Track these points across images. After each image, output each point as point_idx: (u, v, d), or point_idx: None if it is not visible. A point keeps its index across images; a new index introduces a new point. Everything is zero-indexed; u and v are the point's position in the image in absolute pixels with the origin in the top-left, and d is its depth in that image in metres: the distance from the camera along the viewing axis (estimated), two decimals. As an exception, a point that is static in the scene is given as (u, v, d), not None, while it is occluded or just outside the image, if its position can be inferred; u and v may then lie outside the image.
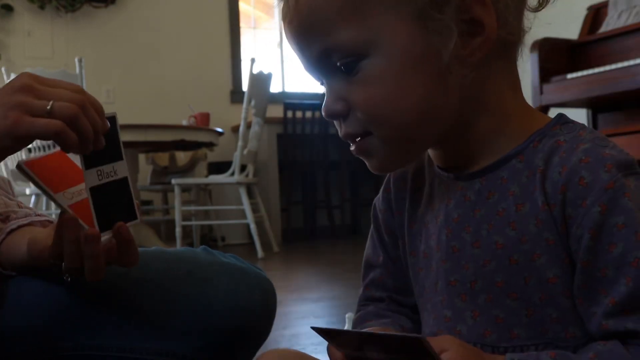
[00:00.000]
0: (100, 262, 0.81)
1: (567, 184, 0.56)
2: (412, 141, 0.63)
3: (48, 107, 0.72)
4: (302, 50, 0.63)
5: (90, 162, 0.76)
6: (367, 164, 0.66)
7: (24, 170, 0.77)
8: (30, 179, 0.77)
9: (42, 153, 0.71)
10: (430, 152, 0.69)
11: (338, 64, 0.61)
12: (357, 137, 0.64)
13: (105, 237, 0.78)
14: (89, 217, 0.77)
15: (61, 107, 0.72)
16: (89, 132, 0.73)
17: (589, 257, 0.56)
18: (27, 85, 0.73)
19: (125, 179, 0.81)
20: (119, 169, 0.80)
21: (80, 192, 0.79)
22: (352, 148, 0.66)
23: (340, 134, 0.65)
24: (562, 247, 0.58)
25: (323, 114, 0.64)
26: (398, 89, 0.60)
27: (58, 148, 0.75)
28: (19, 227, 0.93)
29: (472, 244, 0.62)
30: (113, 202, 0.79)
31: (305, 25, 0.62)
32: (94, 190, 0.76)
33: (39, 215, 1.00)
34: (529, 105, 0.66)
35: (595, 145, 0.57)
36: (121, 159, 0.80)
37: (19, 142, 0.72)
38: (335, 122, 0.65)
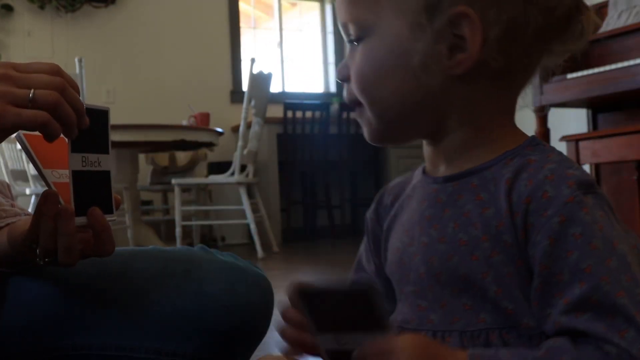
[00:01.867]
0: (73, 242, 0.81)
1: (532, 196, 0.62)
2: (394, 124, 0.71)
3: (30, 95, 0.72)
4: (338, 15, 0.72)
5: (77, 146, 0.79)
6: (364, 132, 0.73)
7: (22, 140, 0.82)
8: (25, 150, 0.82)
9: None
10: (424, 151, 0.75)
11: (351, 36, 0.70)
12: (354, 105, 0.72)
13: (80, 221, 0.80)
14: (69, 198, 0.80)
15: (43, 95, 0.72)
16: (72, 117, 0.75)
17: (547, 262, 0.60)
18: (5, 74, 0.73)
19: (107, 173, 0.84)
20: (104, 162, 0.83)
21: (67, 175, 0.81)
22: (353, 113, 0.74)
23: (345, 99, 0.74)
24: (517, 250, 0.63)
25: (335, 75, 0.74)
26: (379, 73, 0.68)
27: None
28: (7, 225, 0.93)
29: (439, 240, 0.68)
30: (93, 191, 0.82)
31: None
32: (76, 174, 0.79)
33: (28, 214, 1.00)
34: (516, 128, 0.71)
35: (560, 165, 0.63)
36: (107, 152, 0.83)
37: (4, 133, 0.73)
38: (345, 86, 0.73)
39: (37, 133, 0.79)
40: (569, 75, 3.24)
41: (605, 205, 0.62)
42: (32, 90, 0.72)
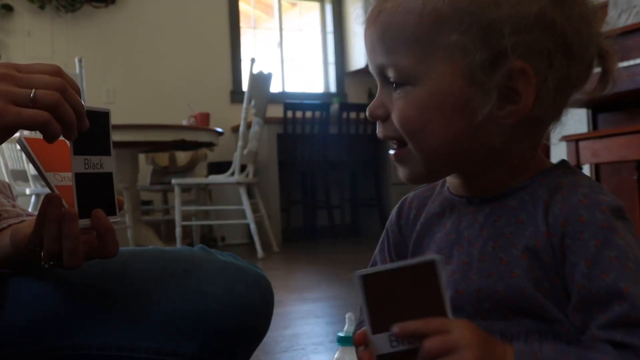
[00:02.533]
0: (78, 245, 0.81)
1: (568, 219, 0.66)
2: (437, 165, 0.73)
3: (31, 95, 0.72)
4: (369, 55, 0.73)
5: (79, 149, 0.79)
6: (399, 171, 0.75)
7: (23, 145, 0.82)
8: (27, 153, 0.82)
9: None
10: (448, 179, 0.79)
11: (390, 79, 0.71)
12: (392, 140, 0.74)
13: (84, 223, 0.81)
14: (72, 201, 0.80)
15: (44, 95, 0.73)
16: (72, 117, 0.75)
17: (584, 282, 0.65)
18: (6, 74, 0.73)
19: (110, 175, 0.84)
20: (106, 164, 0.83)
21: (69, 178, 0.82)
22: (391, 153, 0.75)
23: (378, 133, 0.75)
24: (554, 268, 0.67)
25: (367, 113, 0.74)
26: (428, 122, 0.69)
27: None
28: (9, 225, 0.94)
29: (479, 259, 0.71)
30: (96, 193, 0.82)
31: (377, 36, 0.71)
32: (78, 176, 0.80)
33: (30, 215, 1.00)
34: (542, 157, 0.76)
35: (592, 190, 0.68)
36: (109, 154, 0.84)
37: (5, 132, 0.73)
38: (377, 123, 0.75)
39: (38, 136, 0.79)
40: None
41: (632, 229, 0.67)
42: (33, 90, 0.72)
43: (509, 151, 0.72)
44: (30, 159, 0.82)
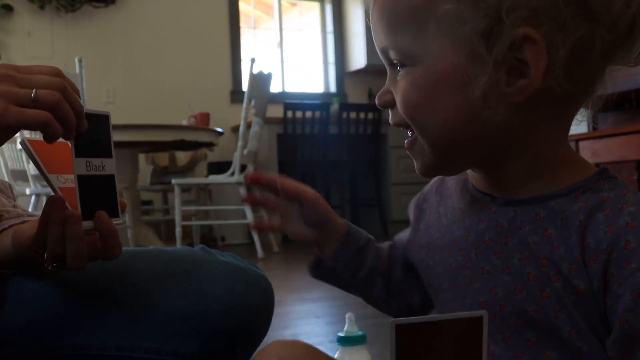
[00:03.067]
0: (81, 247, 0.81)
1: (613, 245, 0.58)
2: (446, 154, 0.66)
3: (32, 95, 0.72)
4: (374, 38, 0.69)
5: (80, 151, 0.80)
6: (415, 164, 0.70)
7: (26, 146, 0.82)
8: (30, 155, 0.82)
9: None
10: (469, 172, 0.72)
11: (394, 61, 0.66)
12: (403, 128, 0.68)
13: (87, 225, 0.81)
14: (75, 203, 0.80)
15: (45, 95, 0.73)
16: (72, 117, 0.75)
17: (629, 317, 0.58)
18: (7, 74, 0.74)
19: (112, 177, 0.84)
20: (107, 166, 0.83)
21: (72, 180, 0.82)
22: (406, 143, 0.70)
23: (390, 121, 0.70)
24: (591, 297, 0.60)
25: (376, 101, 0.70)
26: (429, 102, 0.63)
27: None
28: (11, 226, 0.94)
29: (503, 270, 0.65)
30: (98, 195, 0.83)
31: (377, 18, 0.67)
32: (81, 178, 0.80)
33: (31, 215, 1.00)
34: (574, 153, 0.67)
35: None
36: (110, 156, 0.84)
37: (7, 132, 0.73)
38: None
39: (39, 138, 0.79)
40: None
41: None
42: (34, 90, 0.73)
43: (528, 138, 0.63)
44: (33, 161, 0.82)
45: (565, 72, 0.59)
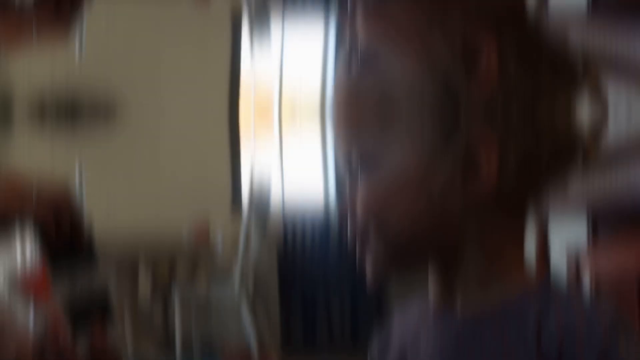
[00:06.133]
0: None
1: (564, 339, 0.59)
2: (403, 249, 0.65)
3: None
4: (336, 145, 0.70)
5: None
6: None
7: None
8: None
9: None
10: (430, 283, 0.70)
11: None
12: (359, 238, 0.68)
13: None
14: None
15: None
16: None
17: None
18: None
19: None
20: None
21: None
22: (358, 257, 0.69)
23: None
24: None
25: None
26: (388, 197, 0.63)
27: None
28: None
29: None
30: None
31: None
32: None
33: None
34: (525, 258, 0.68)
35: (589, 304, 0.62)
36: None
37: None
38: None
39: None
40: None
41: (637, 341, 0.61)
42: None
43: (485, 240, 0.65)
44: None
45: (516, 174, 0.62)
